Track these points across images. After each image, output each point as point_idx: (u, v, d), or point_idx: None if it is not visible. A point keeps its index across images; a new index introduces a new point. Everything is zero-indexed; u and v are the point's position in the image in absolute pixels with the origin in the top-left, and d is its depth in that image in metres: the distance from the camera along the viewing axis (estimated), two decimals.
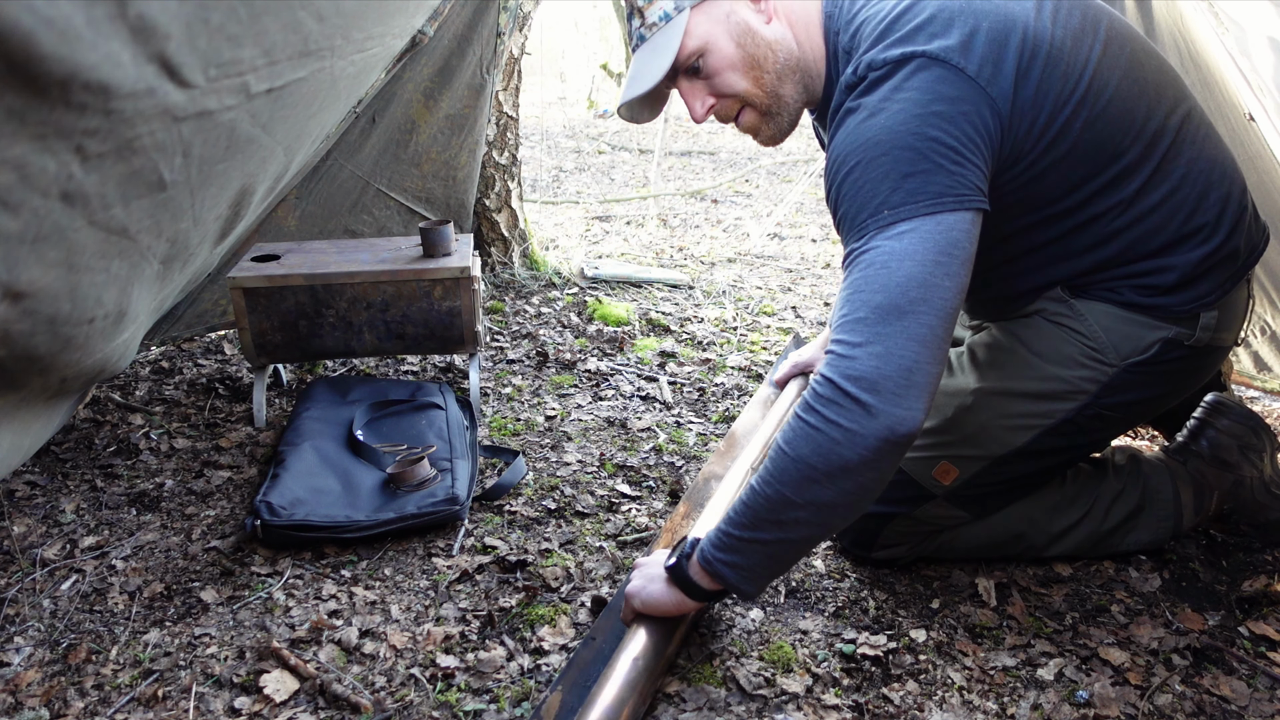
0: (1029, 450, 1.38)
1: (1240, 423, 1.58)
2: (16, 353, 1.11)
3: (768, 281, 3.43)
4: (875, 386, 1.04)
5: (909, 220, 1.08)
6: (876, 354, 1.05)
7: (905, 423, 1.04)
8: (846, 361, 1.07)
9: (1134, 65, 1.24)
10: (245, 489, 1.82)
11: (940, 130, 1.10)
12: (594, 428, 2.12)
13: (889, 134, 1.11)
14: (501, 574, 1.54)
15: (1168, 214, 1.27)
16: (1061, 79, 1.18)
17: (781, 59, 1.26)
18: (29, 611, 1.43)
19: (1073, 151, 1.21)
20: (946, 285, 1.07)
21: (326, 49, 1.38)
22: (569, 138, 7.52)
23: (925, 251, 1.07)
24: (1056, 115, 1.18)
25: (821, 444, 1.06)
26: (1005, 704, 1.24)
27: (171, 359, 2.48)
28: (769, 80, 1.27)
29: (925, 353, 1.05)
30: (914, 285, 1.06)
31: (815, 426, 1.07)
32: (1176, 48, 1.88)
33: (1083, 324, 1.33)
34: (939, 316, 1.07)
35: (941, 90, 1.12)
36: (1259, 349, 2.22)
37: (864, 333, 1.06)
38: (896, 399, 1.04)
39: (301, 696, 1.25)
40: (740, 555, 1.16)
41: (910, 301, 1.06)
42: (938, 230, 1.08)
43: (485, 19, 2.60)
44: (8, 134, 0.79)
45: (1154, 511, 1.53)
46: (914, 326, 1.05)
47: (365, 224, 2.66)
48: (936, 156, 1.10)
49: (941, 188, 1.09)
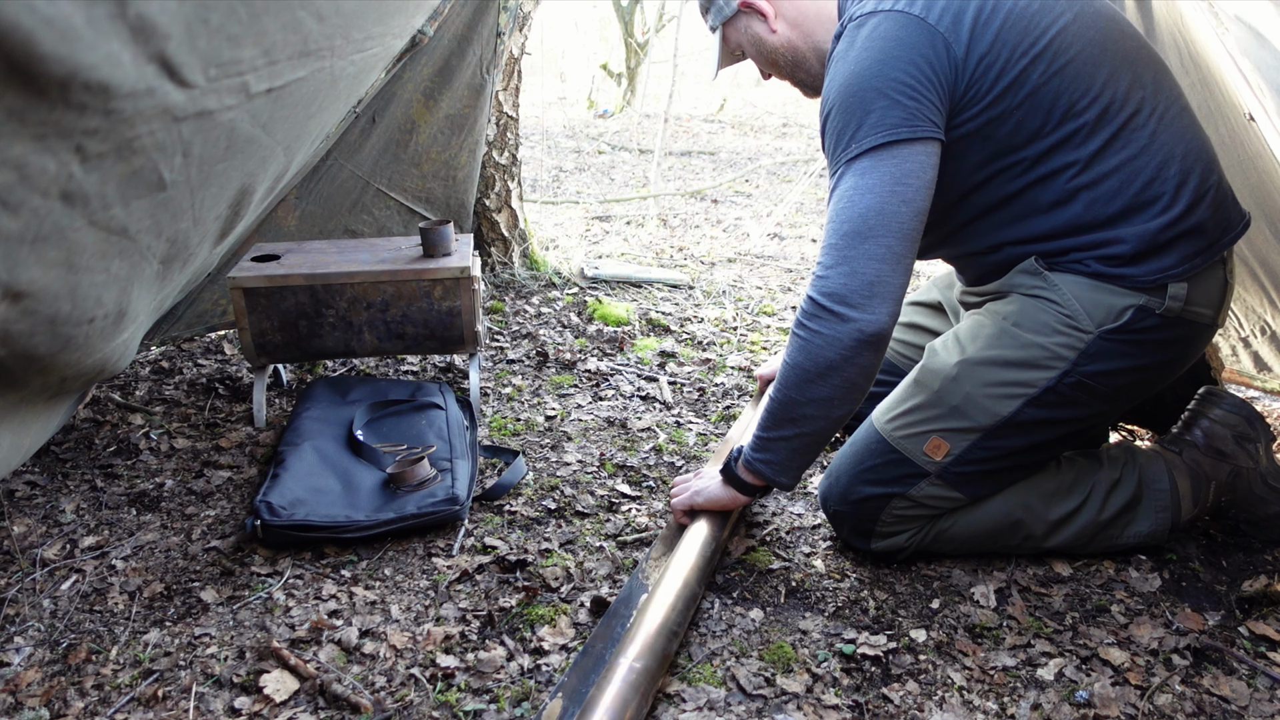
0: (1016, 421, 1.42)
1: (1234, 412, 1.60)
2: (16, 353, 1.11)
3: (768, 281, 3.43)
4: (845, 299, 1.30)
5: (870, 154, 1.30)
6: (844, 273, 1.30)
7: (872, 324, 1.29)
8: (822, 281, 1.32)
9: (1106, 40, 1.36)
10: (245, 489, 1.82)
11: (897, 69, 1.30)
12: (594, 428, 2.12)
13: (854, 78, 1.32)
14: (501, 574, 1.54)
15: (1125, 179, 1.36)
16: (1021, 34, 1.33)
17: (789, 56, 1.56)
18: (29, 611, 1.43)
19: (1030, 101, 1.34)
20: (902, 210, 1.29)
21: (326, 49, 1.38)
22: (569, 138, 7.52)
23: (882, 184, 1.29)
24: (1013, 64, 1.33)
25: (809, 350, 1.33)
26: (1005, 704, 1.24)
27: (171, 359, 2.48)
28: (785, 70, 1.60)
29: (885, 267, 1.29)
30: (873, 214, 1.29)
31: (803, 337, 1.34)
32: (1176, 48, 1.88)
33: (1057, 294, 1.40)
34: (896, 236, 1.29)
35: (900, 35, 1.31)
36: (1259, 349, 2.22)
37: (834, 256, 1.31)
38: (862, 307, 1.29)
39: (301, 696, 1.25)
40: (771, 453, 1.44)
41: (870, 228, 1.29)
42: (893, 162, 1.29)
43: (485, 19, 2.60)
44: (8, 134, 0.79)
45: (1151, 501, 1.53)
46: (874, 248, 1.29)
47: (365, 224, 2.66)
48: (893, 93, 1.30)
49: (897, 119, 1.30)
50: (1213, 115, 1.86)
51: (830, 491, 1.57)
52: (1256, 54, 1.59)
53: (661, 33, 10.17)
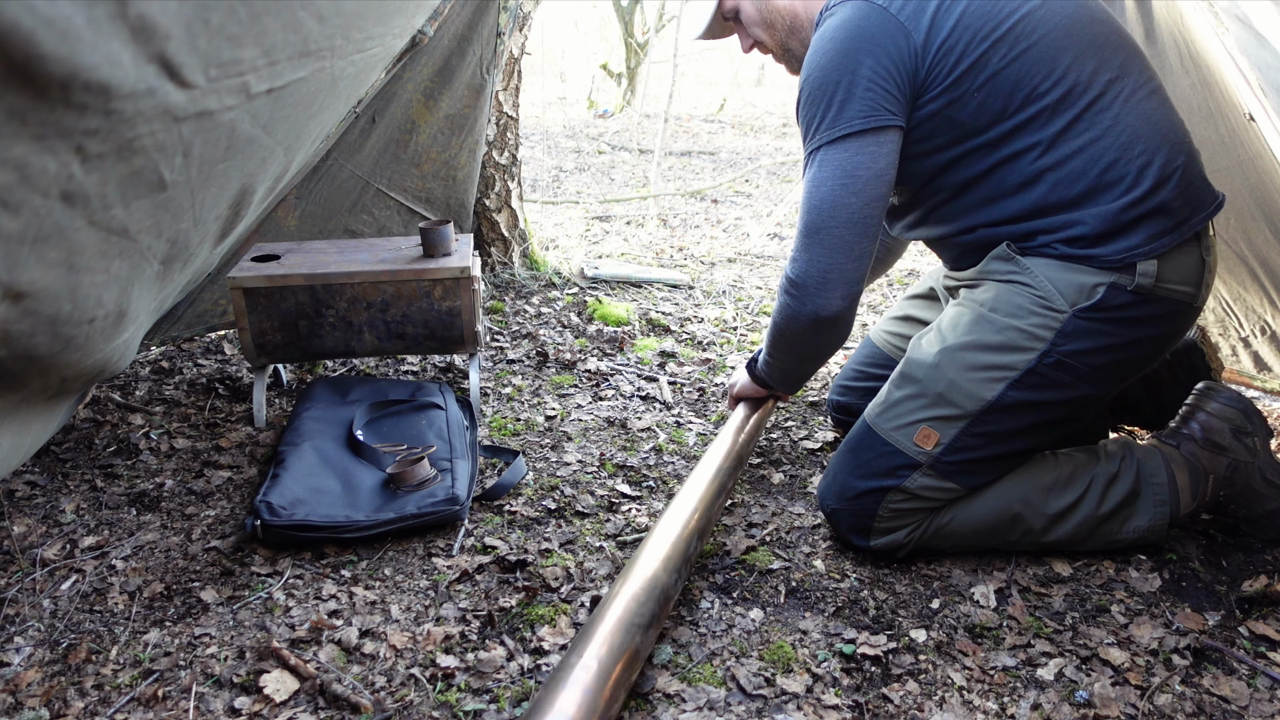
0: (1001, 405, 1.44)
1: (1231, 406, 1.61)
2: (16, 353, 1.11)
3: (768, 281, 3.43)
4: (803, 286, 1.49)
5: (827, 147, 1.42)
6: (804, 262, 1.48)
7: (826, 309, 1.48)
8: (791, 264, 1.51)
9: (1074, 25, 1.41)
10: (245, 489, 1.82)
11: (855, 60, 1.38)
12: (594, 428, 2.12)
13: (818, 69, 1.42)
14: (501, 574, 1.54)
15: (1088, 160, 1.40)
16: (983, 19, 1.39)
17: (788, 22, 1.60)
18: (29, 611, 1.43)
19: (990, 83, 1.39)
20: (853, 201, 1.41)
21: (326, 49, 1.38)
22: (569, 138, 7.52)
23: (834, 177, 1.42)
24: (973, 48, 1.38)
25: (784, 314, 1.56)
26: (1005, 704, 1.24)
27: (171, 359, 2.48)
28: (779, 36, 1.63)
29: (838, 257, 1.44)
30: (826, 206, 1.43)
31: (780, 304, 1.56)
32: (1176, 48, 1.88)
33: (1030, 277, 1.44)
34: (846, 225, 1.42)
35: (862, 24, 1.39)
36: (1259, 349, 2.22)
37: (798, 244, 1.49)
38: (817, 293, 1.47)
39: (301, 696, 1.25)
40: (770, 367, 1.76)
41: (824, 219, 1.44)
42: (844, 155, 1.41)
43: (485, 19, 2.60)
44: (8, 134, 0.79)
45: (1150, 495, 1.54)
46: (827, 238, 1.44)
47: (365, 224, 2.66)
48: (851, 85, 1.39)
49: (853, 112, 1.39)
50: (1213, 115, 1.86)
51: (828, 490, 1.57)
52: (1256, 54, 1.59)
53: (661, 33, 10.17)
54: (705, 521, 1.44)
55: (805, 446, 2.04)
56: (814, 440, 2.07)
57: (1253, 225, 1.97)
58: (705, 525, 1.44)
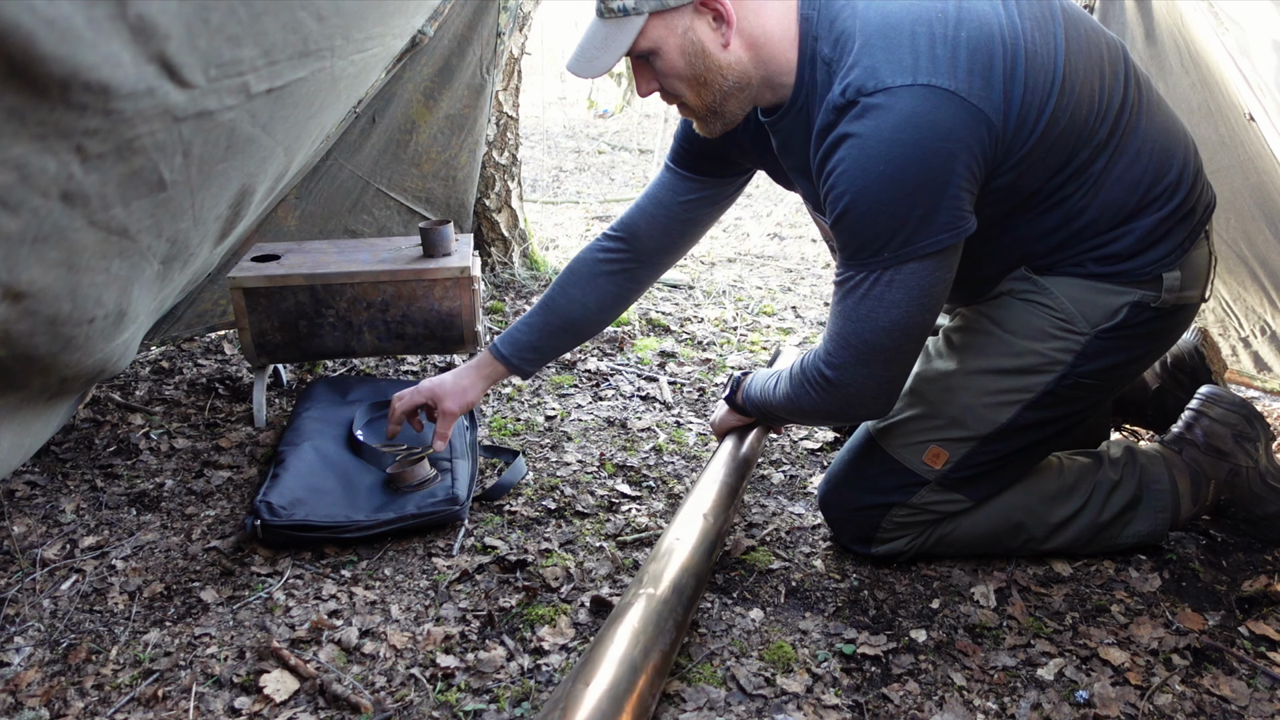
0: (1014, 426, 1.42)
1: (1233, 411, 1.60)
2: (17, 353, 1.11)
3: (768, 281, 3.43)
4: (851, 399, 1.33)
5: (905, 264, 1.21)
6: (856, 377, 1.30)
7: (871, 414, 1.38)
8: (836, 371, 1.31)
9: (1091, 49, 1.28)
10: (245, 489, 1.82)
11: (947, 170, 1.16)
12: (594, 428, 2.12)
13: (895, 185, 1.16)
14: (501, 574, 1.54)
15: (1129, 187, 1.32)
16: (1040, 73, 1.20)
17: (731, 82, 1.27)
18: (29, 611, 1.43)
19: (1058, 140, 1.25)
20: (924, 320, 1.26)
21: (326, 49, 1.38)
22: (569, 138, 7.52)
23: (911, 300, 1.23)
24: (1042, 109, 1.21)
25: (812, 404, 1.39)
26: (1005, 704, 1.24)
27: (171, 359, 2.48)
28: (712, 97, 1.29)
29: (894, 370, 1.31)
30: (898, 329, 1.25)
31: (810, 394, 1.37)
32: (1176, 48, 1.88)
33: (1050, 298, 1.38)
34: (915, 341, 1.28)
35: (941, 124, 1.14)
36: (1259, 349, 2.22)
37: (852, 355, 1.28)
38: (868, 405, 1.35)
39: (301, 696, 1.25)
40: (771, 418, 1.60)
41: (895, 343, 1.26)
42: (925, 271, 1.21)
43: (485, 19, 2.60)
44: (8, 134, 0.79)
45: (1151, 501, 1.53)
46: (893, 357, 1.29)
47: (365, 224, 2.66)
48: (938, 198, 1.17)
49: (938, 226, 1.18)
50: (1213, 115, 1.86)
51: (830, 499, 1.56)
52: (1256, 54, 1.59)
53: None
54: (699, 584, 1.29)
55: (805, 446, 2.04)
56: (814, 440, 2.07)
57: (1253, 225, 1.98)
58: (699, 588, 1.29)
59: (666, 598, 1.17)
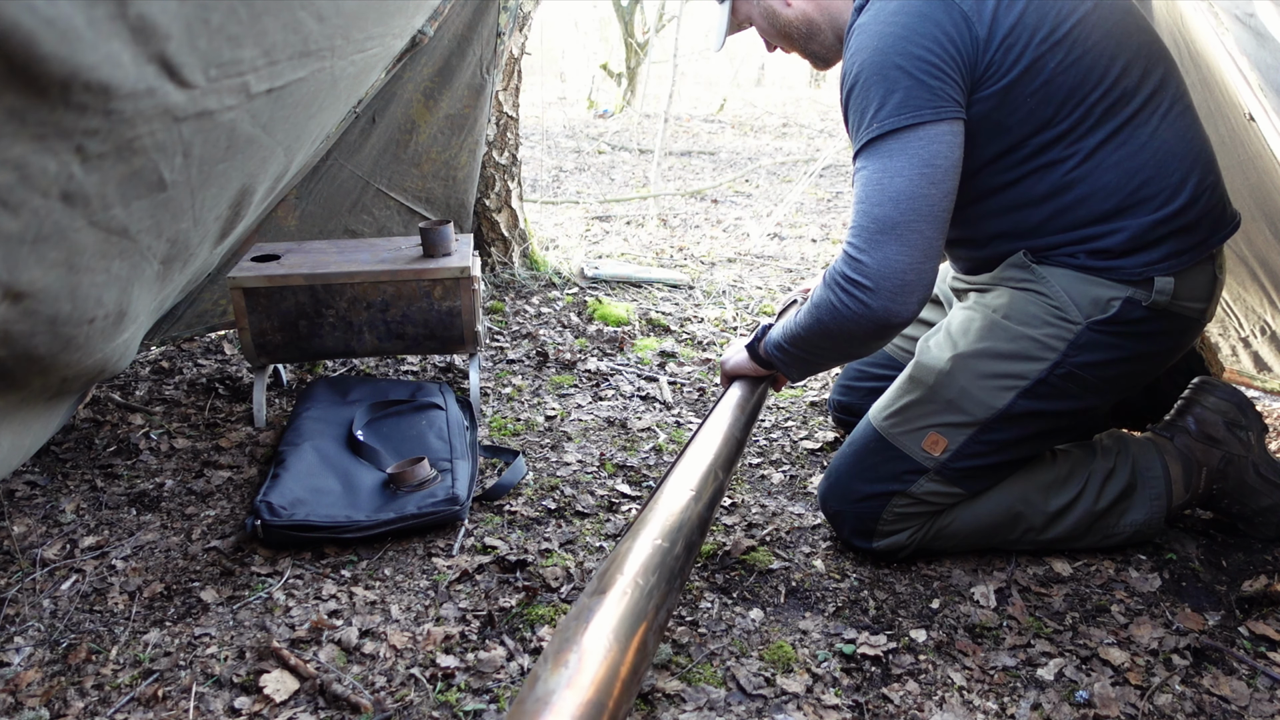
0: (1010, 414, 1.44)
1: (1225, 399, 1.62)
2: (17, 353, 1.11)
3: (768, 281, 3.43)
4: (873, 289, 1.29)
5: (896, 135, 1.28)
6: (879, 260, 1.29)
7: (898, 315, 1.31)
8: (857, 264, 1.31)
9: (1125, 32, 1.35)
10: (245, 489, 1.82)
11: (921, 45, 1.28)
12: (594, 428, 2.12)
13: (878, 53, 1.30)
14: (501, 574, 1.54)
15: (1123, 175, 1.36)
16: (1042, 18, 1.31)
17: (804, 29, 1.53)
18: (29, 611, 1.43)
19: (1045, 89, 1.32)
20: (932, 193, 1.28)
21: (326, 49, 1.38)
22: (569, 138, 7.52)
23: (911, 166, 1.28)
24: (1033, 48, 1.31)
25: (835, 315, 1.35)
26: (1005, 704, 1.24)
27: (171, 359, 2.48)
28: (798, 43, 1.56)
29: (918, 256, 1.29)
30: (904, 198, 1.27)
31: (833, 304, 1.34)
32: (1176, 47, 1.87)
33: (1046, 286, 1.42)
34: (927, 220, 1.28)
35: (923, 9, 1.29)
36: (1259, 349, 2.22)
37: (867, 239, 1.30)
38: (891, 297, 1.29)
39: (301, 696, 1.25)
40: (788, 357, 1.51)
41: (902, 213, 1.28)
42: (920, 144, 1.28)
43: (485, 19, 2.60)
44: (8, 134, 0.79)
45: (1145, 489, 1.55)
46: (906, 235, 1.28)
47: (365, 224, 2.66)
48: (917, 71, 1.28)
49: (921, 100, 1.28)
50: (1213, 115, 1.86)
51: (830, 492, 1.57)
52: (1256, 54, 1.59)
53: (661, 33, 10.17)
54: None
55: (805, 446, 2.04)
56: (814, 440, 2.07)
57: (1253, 225, 1.97)
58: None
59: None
